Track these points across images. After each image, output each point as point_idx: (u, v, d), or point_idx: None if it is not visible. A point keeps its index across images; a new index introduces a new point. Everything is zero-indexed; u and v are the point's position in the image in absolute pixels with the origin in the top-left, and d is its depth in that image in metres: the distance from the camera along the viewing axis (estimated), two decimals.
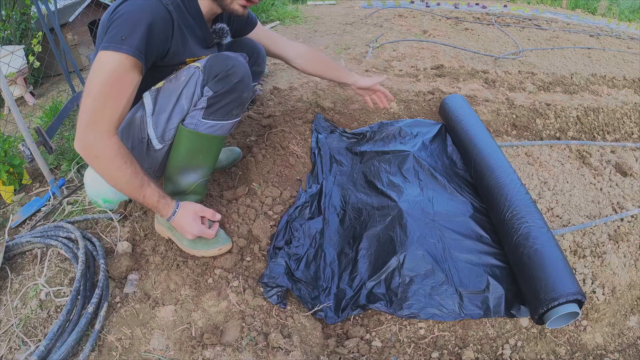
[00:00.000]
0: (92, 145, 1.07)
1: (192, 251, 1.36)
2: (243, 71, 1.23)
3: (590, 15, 6.09)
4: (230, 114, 1.27)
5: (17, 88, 3.19)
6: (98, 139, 1.07)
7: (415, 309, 1.29)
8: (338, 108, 2.31)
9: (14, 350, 1.12)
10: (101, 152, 1.08)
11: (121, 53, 1.03)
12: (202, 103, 1.21)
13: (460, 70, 2.98)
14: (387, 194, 1.66)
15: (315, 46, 3.51)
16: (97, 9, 3.69)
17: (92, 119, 1.06)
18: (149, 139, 1.25)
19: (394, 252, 1.40)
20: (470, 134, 1.90)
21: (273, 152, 1.88)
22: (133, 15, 1.05)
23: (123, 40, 1.03)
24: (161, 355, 1.12)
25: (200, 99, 1.21)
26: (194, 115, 1.23)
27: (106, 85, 1.05)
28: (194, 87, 1.19)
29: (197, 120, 1.23)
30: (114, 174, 1.12)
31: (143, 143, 1.26)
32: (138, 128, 1.24)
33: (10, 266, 1.36)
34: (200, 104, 1.21)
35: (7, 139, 1.87)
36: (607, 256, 1.50)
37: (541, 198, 1.78)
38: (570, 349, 1.33)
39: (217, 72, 1.19)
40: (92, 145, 1.07)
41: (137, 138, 1.25)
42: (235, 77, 1.21)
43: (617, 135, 2.43)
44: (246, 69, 1.25)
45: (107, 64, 1.04)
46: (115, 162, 1.10)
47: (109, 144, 1.08)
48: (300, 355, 1.14)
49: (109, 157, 1.09)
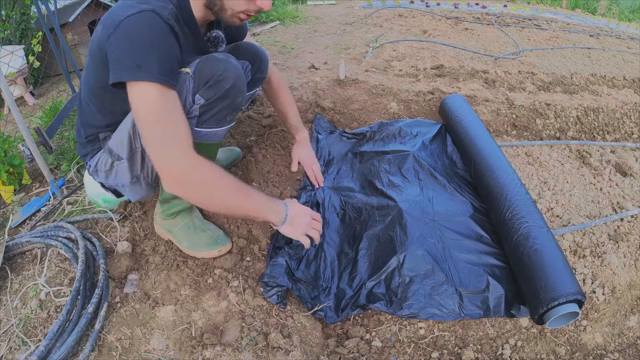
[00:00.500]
0: (185, 172, 1.01)
1: (192, 252, 1.36)
2: (235, 75, 1.16)
3: (590, 15, 6.09)
4: (224, 121, 1.23)
5: (17, 88, 3.19)
6: (187, 162, 1.01)
7: (415, 309, 1.29)
8: (338, 108, 2.32)
9: (14, 350, 1.12)
10: (198, 172, 1.02)
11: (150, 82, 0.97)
12: (194, 111, 1.16)
13: (460, 70, 2.98)
14: (387, 194, 1.66)
15: (315, 46, 3.51)
16: (97, 8, 3.69)
17: (167, 148, 1.00)
18: (142, 148, 1.19)
19: (394, 252, 1.40)
20: (470, 134, 1.90)
21: (273, 152, 1.88)
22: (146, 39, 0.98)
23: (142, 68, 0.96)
24: (161, 355, 1.12)
25: (192, 107, 1.15)
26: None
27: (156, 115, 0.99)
28: (184, 95, 1.13)
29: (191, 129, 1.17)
30: (221, 187, 1.06)
31: (137, 152, 1.21)
32: (130, 138, 1.18)
33: (10, 266, 1.36)
34: (193, 113, 1.16)
35: (7, 139, 1.87)
36: (607, 256, 1.50)
37: (541, 198, 1.78)
38: (570, 348, 1.33)
39: (208, 78, 1.13)
40: (186, 172, 1.01)
41: (130, 148, 1.20)
42: (226, 82, 1.14)
43: (617, 135, 2.43)
44: (238, 71, 1.18)
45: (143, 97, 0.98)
46: (217, 175, 1.05)
47: (200, 161, 1.02)
48: (300, 355, 1.14)
49: (209, 173, 1.03)
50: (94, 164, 1.30)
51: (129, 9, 0.99)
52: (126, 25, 0.97)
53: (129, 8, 0.99)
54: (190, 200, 1.15)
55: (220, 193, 1.08)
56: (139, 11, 0.98)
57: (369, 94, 2.48)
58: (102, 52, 1.02)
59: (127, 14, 0.98)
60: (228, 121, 1.25)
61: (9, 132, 2.34)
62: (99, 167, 1.29)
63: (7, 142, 1.84)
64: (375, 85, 2.57)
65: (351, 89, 2.52)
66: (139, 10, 0.98)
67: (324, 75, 2.75)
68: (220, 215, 1.50)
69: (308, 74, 2.80)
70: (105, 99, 1.18)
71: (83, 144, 1.31)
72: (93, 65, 1.11)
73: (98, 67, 1.08)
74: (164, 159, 1.00)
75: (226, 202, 1.10)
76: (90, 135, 1.28)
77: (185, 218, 1.39)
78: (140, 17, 0.98)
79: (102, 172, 1.29)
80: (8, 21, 3.41)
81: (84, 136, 1.28)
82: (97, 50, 1.06)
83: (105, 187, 1.35)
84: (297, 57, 3.24)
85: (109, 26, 0.99)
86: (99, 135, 1.26)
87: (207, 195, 1.06)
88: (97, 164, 1.29)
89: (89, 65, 1.14)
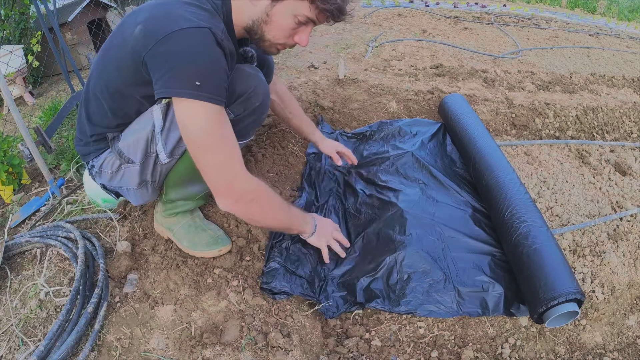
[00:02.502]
0: (242, 191, 1.07)
1: (192, 251, 1.36)
2: (264, 92, 1.19)
3: (589, 14, 6.09)
4: (247, 135, 1.27)
5: (16, 88, 3.19)
6: (244, 181, 1.06)
7: (413, 305, 1.29)
8: (337, 107, 2.32)
9: (13, 350, 1.12)
10: (254, 190, 1.09)
11: (208, 103, 0.97)
12: None
13: (459, 69, 2.98)
14: (386, 193, 1.66)
15: (315, 45, 3.51)
16: (96, 8, 3.69)
17: (225, 168, 1.03)
18: (157, 154, 1.18)
19: (393, 250, 1.40)
20: (469, 133, 1.90)
21: (273, 152, 1.88)
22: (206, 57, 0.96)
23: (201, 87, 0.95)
24: (161, 355, 1.12)
25: None
26: None
27: (214, 137, 1.01)
28: None
29: None
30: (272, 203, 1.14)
31: (150, 157, 1.19)
32: (146, 143, 1.16)
33: (10, 266, 1.36)
34: None
35: (7, 138, 1.87)
36: (606, 255, 1.50)
37: (540, 197, 1.78)
38: (569, 348, 1.33)
39: (240, 94, 1.14)
40: (243, 191, 1.07)
41: (145, 152, 1.18)
42: (256, 99, 1.17)
43: (617, 135, 2.43)
44: (266, 88, 1.20)
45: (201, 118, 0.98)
46: (268, 191, 1.12)
47: (253, 179, 1.08)
48: (299, 355, 1.14)
49: (262, 190, 1.10)
50: (99, 165, 1.24)
51: (183, 21, 0.95)
52: (182, 37, 0.94)
53: (181, 19, 0.95)
54: (245, 217, 1.22)
55: (274, 210, 1.17)
56: (197, 27, 0.95)
57: (368, 94, 2.48)
58: (139, 57, 0.98)
59: (182, 26, 0.94)
60: (250, 135, 1.29)
61: (8, 131, 2.34)
62: (104, 168, 1.23)
63: (7, 141, 1.84)
64: (375, 85, 2.57)
65: (350, 89, 2.52)
66: (196, 26, 0.95)
67: (323, 74, 2.75)
68: (219, 215, 1.50)
69: (307, 74, 2.80)
70: (121, 102, 1.13)
71: (87, 142, 1.23)
72: (119, 64, 1.06)
73: (127, 68, 1.03)
74: (224, 180, 1.04)
75: (278, 218, 1.19)
76: (96, 134, 1.21)
77: (186, 217, 1.39)
78: (199, 34, 0.95)
79: (107, 173, 1.23)
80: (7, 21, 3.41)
81: (89, 134, 1.21)
82: (129, 51, 1.00)
83: (107, 189, 1.31)
84: (296, 56, 3.24)
85: (155, 33, 0.95)
86: (107, 135, 1.19)
87: (262, 213, 1.14)
88: (103, 165, 1.23)
89: (112, 63, 1.08)
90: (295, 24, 1.09)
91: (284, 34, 1.11)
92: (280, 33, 1.11)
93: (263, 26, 1.10)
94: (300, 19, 1.08)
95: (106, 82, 1.11)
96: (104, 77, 1.12)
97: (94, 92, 1.16)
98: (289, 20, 1.08)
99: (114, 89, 1.10)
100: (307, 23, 1.10)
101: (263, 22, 1.09)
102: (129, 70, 1.03)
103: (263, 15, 1.08)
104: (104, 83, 1.12)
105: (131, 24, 1.01)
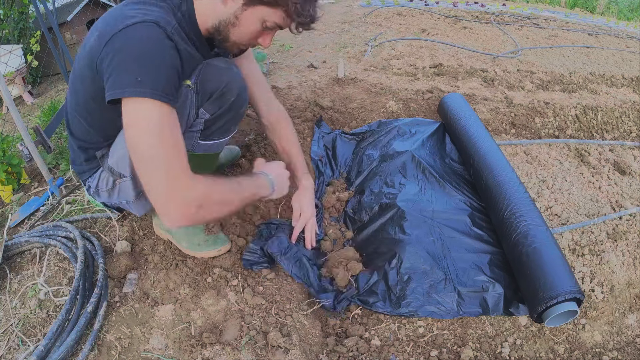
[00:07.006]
0: (187, 200, 0.94)
1: (192, 252, 1.36)
2: (238, 86, 1.15)
3: (589, 13, 6.09)
4: (228, 131, 1.23)
5: (16, 87, 3.19)
6: (186, 192, 0.94)
7: (413, 307, 1.29)
8: (337, 107, 2.31)
9: (13, 350, 1.12)
10: (199, 196, 0.96)
11: (151, 100, 0.89)
12: (198, 125, 1.14)
13: (459, 69, 2.98)
14: (385, 193, 1.66)
15: (314, 45, 3.51)
16: (95, 7, 3.69)
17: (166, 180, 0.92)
18: None
19: (392, 250, 1.40)
20: (469, 133, 1.90)
21: (272, 151, 1.88)
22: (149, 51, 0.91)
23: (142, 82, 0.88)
24: (160, 355, 1.12)
25: (196, 120, 1.13)
26: (190, 137, 1.16)
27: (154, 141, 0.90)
28: (187, 109, 1.09)
29: (194, 142, 1.18)
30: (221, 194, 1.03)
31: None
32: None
33: (9, 266, 1.36)
34: (197, 127, 1.14)
35: (6, 138, 1.86)
36: (605, 254, 1.50)
37: (540, 196, 1.78)
38: (569, 347, 1.33)
39: (212, 92, 1.10)
40: (188, 200, 0.94)
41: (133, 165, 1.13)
42: (231, 94, 1.13)
43: (616, 134, 2.43)
44: (241, 81, 1.17)
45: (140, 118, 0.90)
46: (214, 183, 1.01)
47: (197, 183, 0.96)
48: (299, 354, 1.14)
49: (208, 189, 0.98)
50: (94, 185, 1.23)
51: (129, 18, 0.92)
52: (126, 34, 0.90)
53: (128, 17, 0.92)
54: (200, 223, 1.11)
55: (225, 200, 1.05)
56: (141, 21, 0.91)
57: (367, 93, 2.48)
58: (94, 61, 0.94)
59: (127, 23, 0.91)
60: (231, 131, 1.25)
61: (7, 131, 2.34)
62: (100, 187, 1.22)
63: (6, 141, 1.83)
64: (374, 84, 2.57)
65: (350, 88, 2.52)
66: (141, 20, 0.91)
67: (322, 74, 2.75)
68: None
69: (307, 73, 2.80)
70: (97, 114, 1.09)
71: (80, 163, 1.23)
72: (82, 76, 1.02)
73: (87, 78, 1.00)
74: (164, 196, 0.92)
75: (233, 204, 1.08)
76: (87, 155, 1.19)
77: None
78: (143, 28, 0.91)
79: (104, 192, 1.22)
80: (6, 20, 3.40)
81: (84, 159, 1.20)
82: (87, 59, 0.97)
83: (108, 205, 1.31)
84: (295, 55, 3.23)
85: (105, 34, 0.91)
86: (96, 154, 1.17)
87: (215, 212, 1.03)
88: (99, 185, 1.22)
89: (77, 77, 1.05)
90: (262, 28, 1.07)
91: (249, 37, 1.09)
92: (246, 36, 1.09)
93: (230, 28, 1.07)
94: (269, 25, 1.06)
95: (76, 98, 1.09)
96: (73, 93, 1.10)
97: (71, 111, 1.14)
98: (256, 25, 1.06)
99: (86, 101, 1.06)
100: (273, 28, 1.09)
101: (230, 24, 1.06)
102: (88, 80, 1.00)
103: (231, 18, 1.05)
104: (75, 100, 1.10)
105: (92, 33, 0.98)
